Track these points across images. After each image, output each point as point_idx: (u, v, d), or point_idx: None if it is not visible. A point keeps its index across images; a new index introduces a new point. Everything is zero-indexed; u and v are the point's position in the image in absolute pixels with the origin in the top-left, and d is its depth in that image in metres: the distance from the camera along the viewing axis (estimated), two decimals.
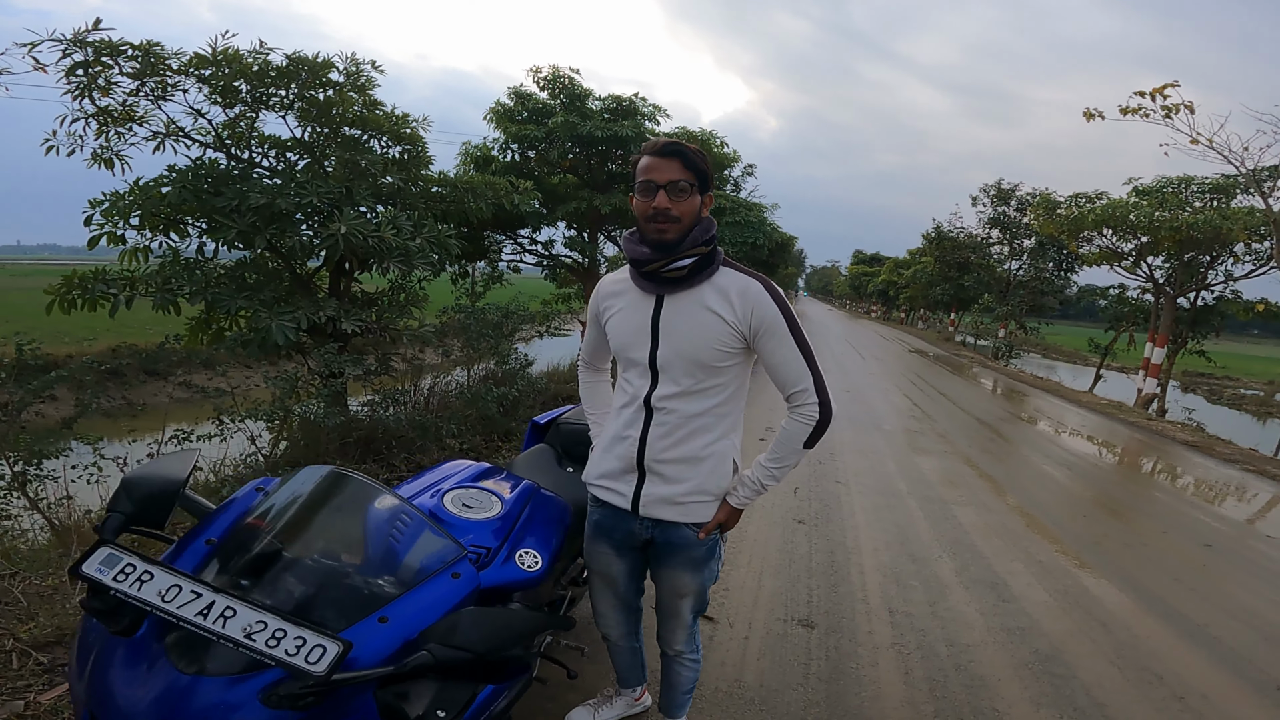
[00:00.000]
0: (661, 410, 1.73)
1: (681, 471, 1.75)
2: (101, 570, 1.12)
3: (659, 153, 1.61)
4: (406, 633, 1.27)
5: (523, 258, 11.24)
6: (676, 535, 1.81)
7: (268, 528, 1.38)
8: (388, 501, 1.53)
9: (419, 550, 1.46)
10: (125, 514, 1.29)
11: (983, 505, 5.32)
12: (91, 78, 4.45)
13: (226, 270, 5.25)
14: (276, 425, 4.90)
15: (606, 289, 1.84)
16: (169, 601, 1.10)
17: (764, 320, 1.65)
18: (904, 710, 2.53)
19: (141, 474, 1.36)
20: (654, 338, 1.70)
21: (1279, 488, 6.92)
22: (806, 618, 3.20)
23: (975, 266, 23.82)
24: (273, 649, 1.07)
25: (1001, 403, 12.20)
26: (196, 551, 1.33)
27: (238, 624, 1.10)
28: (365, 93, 5.33)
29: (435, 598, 1.36)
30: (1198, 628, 3.42)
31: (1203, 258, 13.45)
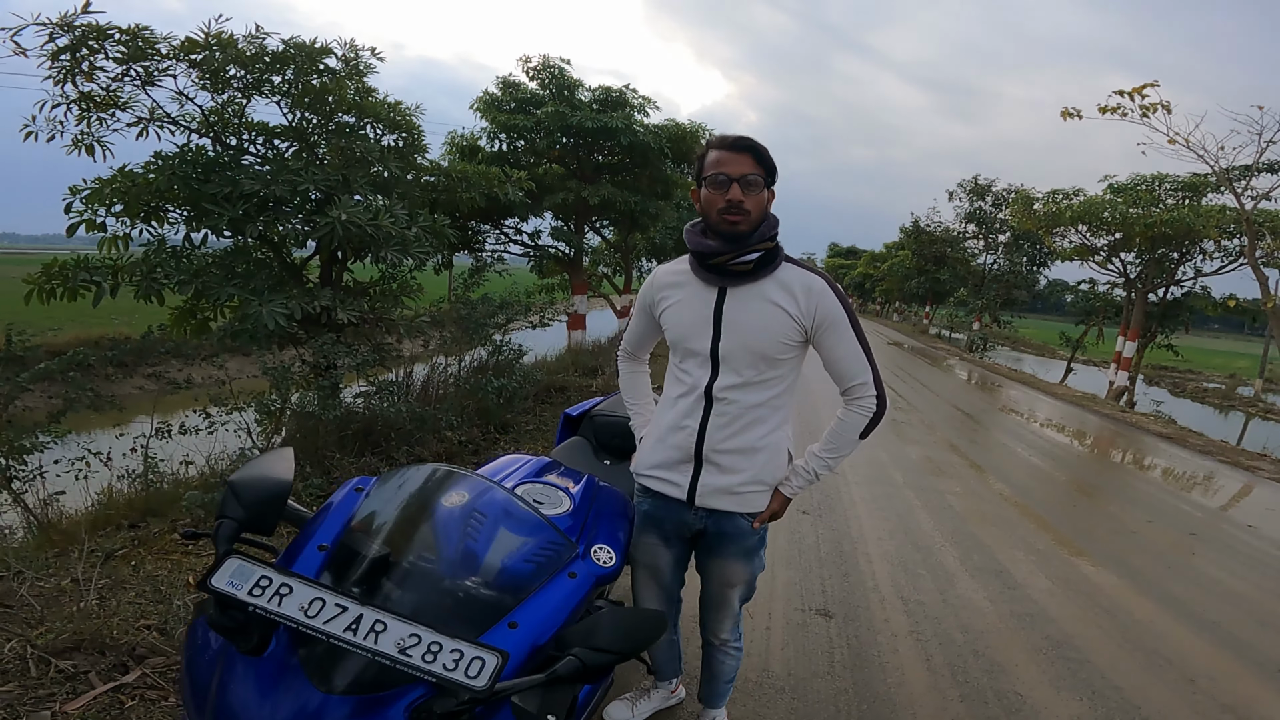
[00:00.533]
0: (722, 400, 1.74)
1: (739, 462, 1.76)
2: (234, 584, 1.05)
3: (731, 147, 1.63)
4: (536, 636, 1.23)
5: (507, 248, 11.13)
6: (730, 525, 1.81)
7: (378, 531, 1.31)
8: (499, 498, 1.47)
9: (537, 550, 1.40)
10: (238, 520, 1.20)
11: (976, 494, 5.42)
12: (75, 62, 4.29)
13: (215, 258, 5.11)
14: (272, 418, 4.80)
15: (663, 279, 1.83)
16: (314, 617, 1.03)
17: (828, 315, 1.69)
18: (931, 695, 2.57)
19: (249, 476, 1.27)
20: (716, 329, 1.71)
21: (1254, 479, 7.15)
22: (823, 607, 3.22)
23: (951, 260, 24.20)
24: (430, 664, 1.01)
25: (981, 394, 12.43)
26: (310, 559, 1.25)
27: (390, 639, 1.03)
28: (361, 79, 5.21)
29: (559, 599, 1.32)
30: (1196, 613, 3.52)
31: (1173, 254, 13.82)
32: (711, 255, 1.67)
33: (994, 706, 2.53)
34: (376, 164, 5.35)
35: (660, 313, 1.83)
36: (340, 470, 4.39)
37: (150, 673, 2.23)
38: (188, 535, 1.32)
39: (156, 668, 2.25)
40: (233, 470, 4.28)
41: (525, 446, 5.70)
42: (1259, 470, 7.54)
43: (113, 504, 4.06)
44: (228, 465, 4.55)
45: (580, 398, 7.78)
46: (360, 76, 5.16)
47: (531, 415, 6.66)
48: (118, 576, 2.88)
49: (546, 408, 7.13)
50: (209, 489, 3.85)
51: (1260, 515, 5.69)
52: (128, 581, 2.84)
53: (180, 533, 1.40)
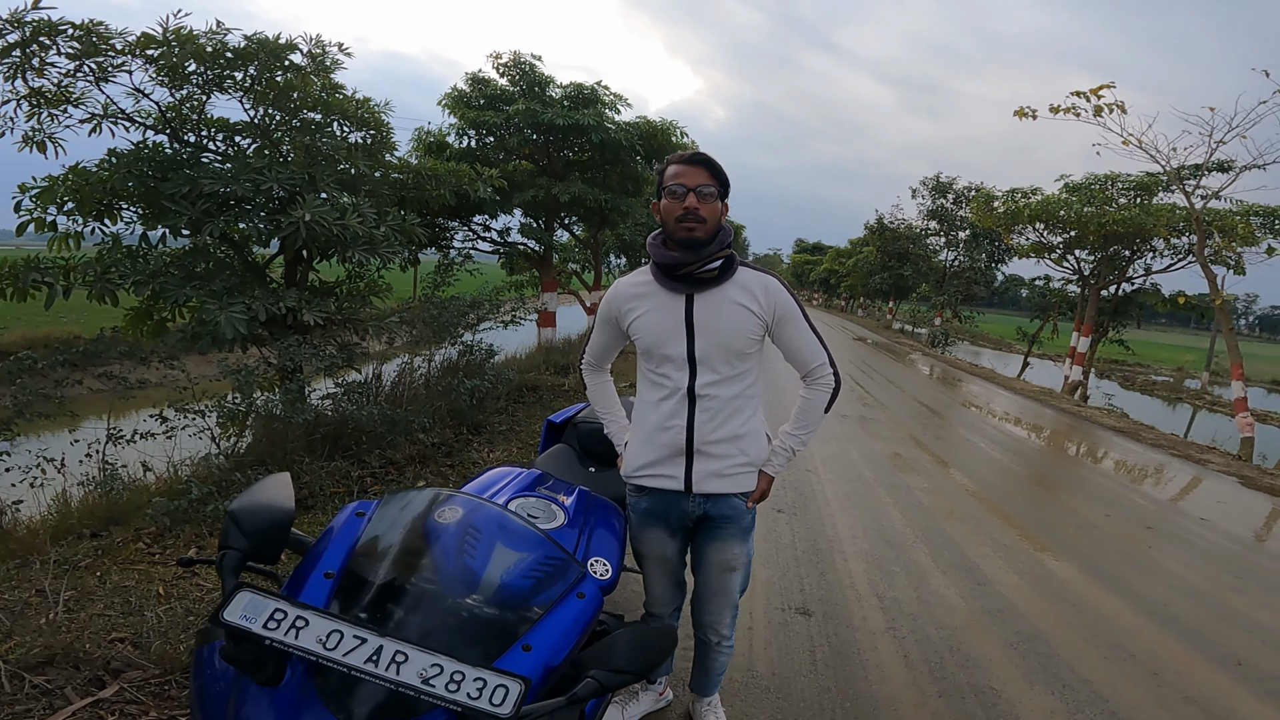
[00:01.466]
0: (705, 397, 1.88)
1: (727, 449, 1.91)
2: (248, 618, 1.03)
3: (688, 161, 1.79)
4: (550, 659, 1.22)
5: (475, 244, 11.01)
6: (726, 506, 1.96)
7: (383, 557, 1.29)
8: (502, 519, 1.46)
9: (544, 571, 1.40)
10: (242, 550, 1.17)
11: (943, 491, 5.53)
12: (25, 58, 4.11)
13: (173, 258, 4.95)
14: (236, 421, 4.67)
15: (626, 292, 1.94)
16: (333, 649, 1.02)
17: (785, 310, 1.88)
18: (911, 691, 2.62)
19: (249, 505, 1.24)
20: (689, 333, 1.84)
21: (1205, 472, 7.44)
22: (803, 606, 3.27)
23: (914, 257, 24.66)
24: (454, 694, 1.01)
25: (944, 389, 12.70)
26: (317, 587, 1.22)
27: (412, 669, 1.02)
28: (327, 76, 5.09)
29: (570, 620, 1.32)
30: (1155, 607, 3.64)
31: (1125, 252, 14.29)
32: (679, 266, 1.81)
33: (971, 702, 2.59)
34: (343, 162, 5.23)
35: (629, 324, 1.93)
36: (310, 476, 4.29)
37: (128, 687, 2.18)
38: (184, 563, 1.29)
39: (134, 682, 2.20)
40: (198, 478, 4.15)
41: (500, 447, 5.65)
42: (1209, 463, 7.85)
43: (72, 512, 3.91)
44: (191, 470, 4.42)
45: (553, 396, 7.74)
46: (327, 72, 5.04)
47: (504, 415, 6.60)
48: (84, 588, 2.80)
49: (520, 407, 7.08)
50: (174, 495, 3.73)
51: (1211, 508, 5.93)
52: (95, 593, 2.76)
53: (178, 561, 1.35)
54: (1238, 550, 4.76)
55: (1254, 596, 3.91)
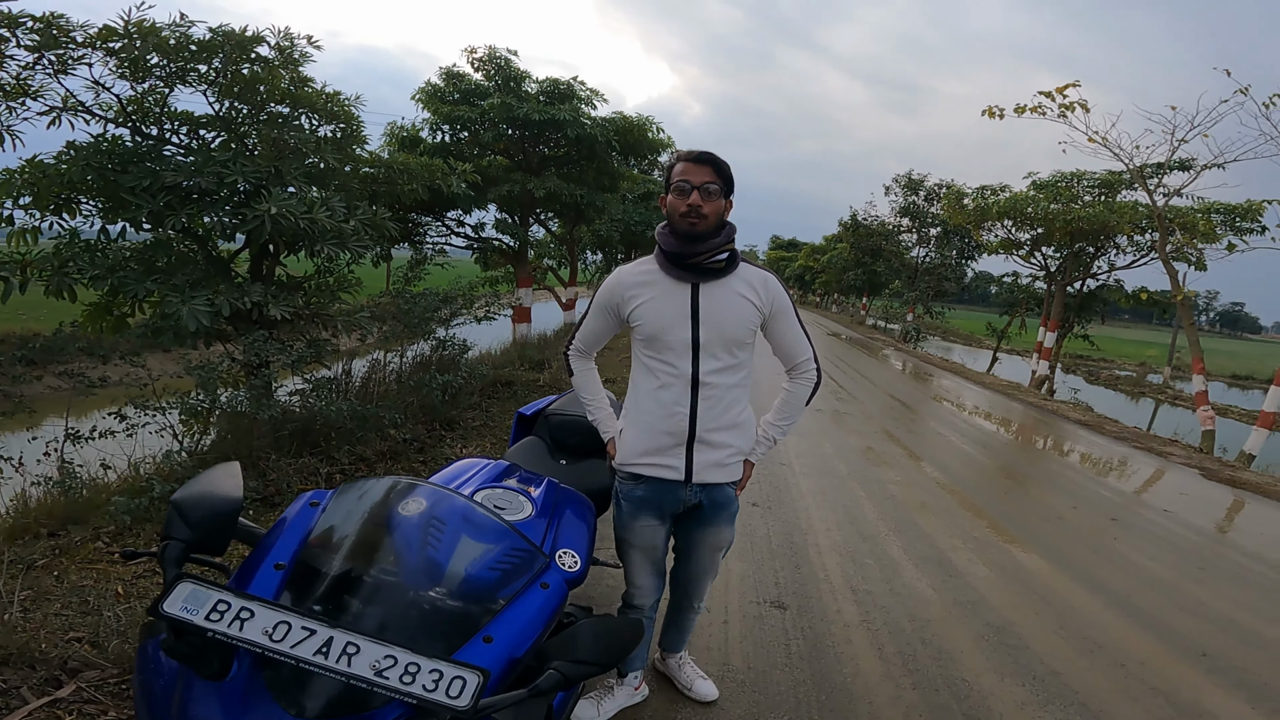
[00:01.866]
0: (708, 385, 1.95)
1: (726, 438, 2.00)
2: (189, 609, 0.98)
3: (694, 160, 1.87)
4: (512, 650, 1.20)
5: (449, 240, 10.88)
6: (720, 494, 2.06)
7: (338, 547, 1.25)
8: (464, 509, 1.43)
9: (507, 561, 1.37)
10: (185, 541, 1.13)
11: (915, 484, 5.60)
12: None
13: (133, 252, 4.82)
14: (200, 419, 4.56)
15: (630, 279, 1.99)
16: (280, 641, 0.98)
17: (782, 304, 2.00)
18: (886, 684, 2.64)
19: (193, 495, 1.20)
20: (694, 321, 1.91)
21: (1167, 464, 7.63)
22: (777, 599, 3.28)
23: (887, 253, 24.94)
24: (409, 686, 0.97)
25: (916, 384, 12.88)
26: (267, 579, 1.19)
27: (364, 661, 0.99)
28: (295, 68, 4.97)
29: (533, 611, 1.29)
30: (1121, 598, 3.71)
31: (1089, 248, 14.59)
32: (690, 255, 1.88)
33: (944, 694, 2.62)
34: (312, 155, 5.12)
35: (630, 311, 1.98)
36: (278, 473, 4.21)
37: (86, 686, 2.13)
38: (127, 555, 1.23)
39: (91, 681, 2.16)
40: (161, 475, 4.05)
41: (473, 443, 5.59)
42: (1171, 455, 8.05)
43: (29, 511, 3.80)
44: (153, 469, 4.31)
45: (527, 392, 7.68)
46: (295, 65, 4.93)
47: (478, 411, 6.54)
48: (40, 587, 2.73)
49: (494, 403, 7.02)
50: (134, 494, 3.63)
51: (1174, 499, 6.08)
52: (52, 592, 2.70)
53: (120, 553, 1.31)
54: (1200, 542, 4.88)
55: (1216, 588, 4.00)
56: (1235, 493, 6.56)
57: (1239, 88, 8.52)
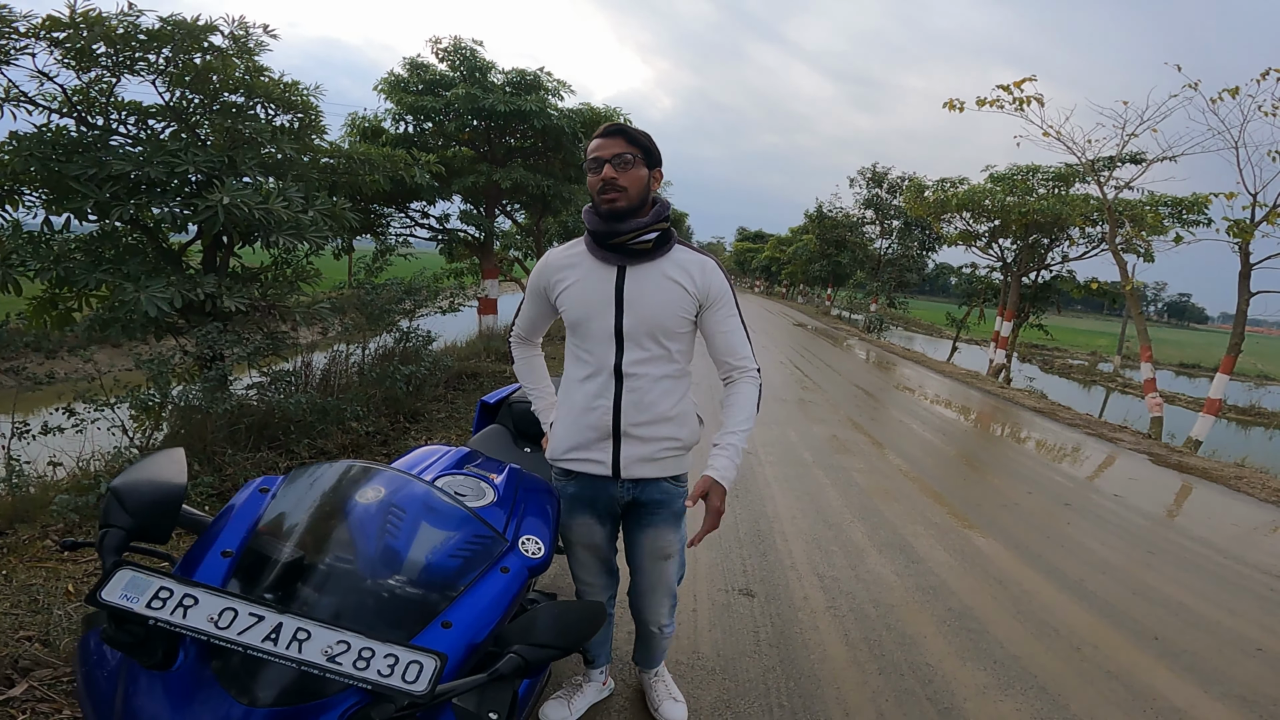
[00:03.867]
0: (632, 376, 1.81)
1: (655, 430, 1.85)
2: (129, 597, 0.94)
3: (603, 134, 1.75)
4: (472, 636, 1.18)
5: (413, 231, 10.70)
6: (656, 490, 1.90)
7: (289, 534, 1.22)
8: (420, 492, 1.40)
9: (465, 545, 1.34)
10: (125, 528, 1.08)
11: (878, 471, 5.70)
12: None
13: (79, 243, 4.64)
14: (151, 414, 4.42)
15: (557, 261, 1.88)
16: (226, 628, 0.94)
17: (719, 292, 1.83)
18: (852, 670, 2.68)
19: (133, 480, 1.14)
20: (619, 306, 1.78)
21: (1117, 450, 7.89)
22: (745, 587, 3.31)
23: (851, 245, 25.29)
24: (363, 671, 0.95)
25: (879, 373, 13.09)
26: (214, 567, 1.14)
27: (315, 647, 0.96)
28: (250, 57, 4.82)
29: (493, 595, 1.27)
30: (1075, 582, 3.82)
31: (1044, 240, 14.99)
32: (613, 235, 1.74)
33: (909, 678, 2.67)
34: (268, 145, 4.98)
35: (558, 295, 1.86)
36: (234, 467, 4.11)
37: (38, 685, 2.10)
38: (66, 546, 1.17)
39: (44, 680, 2.12)
40: (109, 472, 3.92)
41: (439, 435, 5.52)
42: (1121, 441, 8.33)
43: None
44: (103, 465, 4.17)
45: (493, 383, 7.61)
46: (251, 55, 4.78)
47: (443, 403, 6.46)
48: None
49: (459, 395, 6.94)
50: (81, 491, 3.52)
51: (1124, 485, 6.29)
52: (0, 591, 2.62)
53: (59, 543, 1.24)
54: (1149, 526, 5.06)
55: (1165, 572, 4.14)
56: (1183, 477, 6.82)
57: (1188, 83, 8.81)
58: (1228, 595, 3.85)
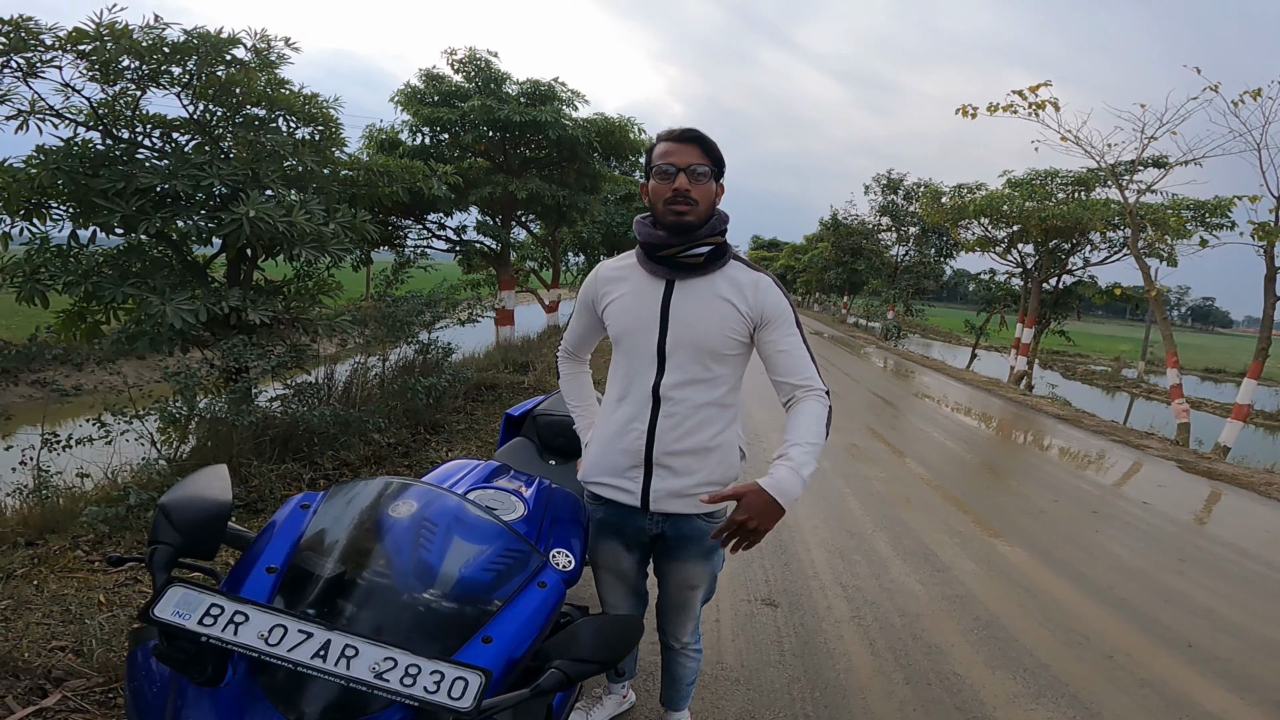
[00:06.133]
0: (670, 400, 1.69)
1: (690, 464, 1.71)
2: (181, 614, 0.96)
3: (678, 138, 1.62)
4: (512, 651, 1.18)
5: (430, 242, 10.80)
6: (688, 527, 1.78)
7: (330, 550, 1.24)
8: (456, 508, 1.41)
9: (503, 560, 1.35)
10: (174, 545, 1.10)
11: (899, 479, 5.64)
12: None
13: (107, 257, 4.73)
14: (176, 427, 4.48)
15: (607, 274, 1.79)
16: (276, 645, 0.96)
17: (776, 311, 1.68)
18: (878, 679, 2.65)
19: (181, 498, 1.17)
20: (664, 322, 1.67)
21: (1145, 457, 7.76)
22: (768, 596, 3.28)
23: (866, 252, 25.17)
24: (410, 688, 0.96)
25: (897, 381, 12.99)
26: (259, 582, 1.16)
27: (363, 664, 0.97)
28: (271, 70, 4.91)
29: (531, 610, 1.27)
30: (1104, 590, 3.76)
31: (1065, 245, 14.83)
32: (662, 246, 1.64)
33: (936, 688, 2.63)
34: (290, 158, 5.06)
35: (604, 308, 1.78)
36: (260, 479, 4.15)
37: (71, 695, 2.11)
38: (113, 561, 1.19)
39: (77, 690, 2.14)
40: (138, 484, 3.97)
41: (459, 446, 5.54)
42: (1148, 448, 8.19)
43: (5, 521, 3.72)
44: (130, 477, 4.23)
45: (511, 394, 7.64)
46: (272, 68, 4.86)
47: (463, 414, 6.49)
48: (20, 597, 2.69)
49: (478, 406, 6.97)
50: (110, 502, 3.57)
51: (1152, 492, 6.17)
52: (32, 602, 2.66)
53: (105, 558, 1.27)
54: (1179, 533, 4.97)
55: (1196, 579, 4.06)
56: (1212, 484, 6.69)
57: (1209, 85, 8.70)
58: (1261, 601, 3.77)
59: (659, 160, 1.63)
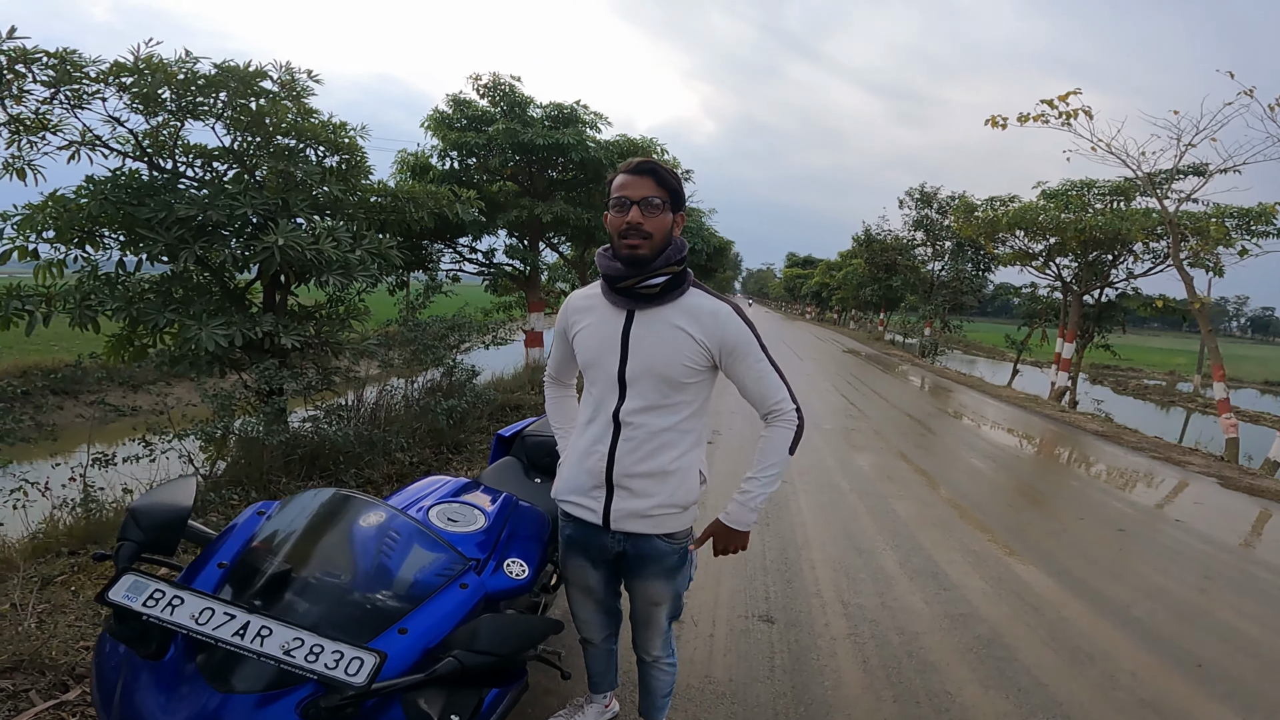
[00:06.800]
0: (630, 425, 1.76)
1: (649, 486, 1.78)
2: (129, 597, 1.15)
3: (633, 171, 1.68)
4: (426, 642, 1.33)
5: (462, 266, 11.10)
6: (648, 546, 1.84)
7: (277, 549, 1.40)
8: (392, 519, 1.57)
9: (427, 563, 1.51)
10: (137, 542, 1.29)
11: (917, 498, 5.59)
12: (4, 85, 4.22)
13: (151, 284, 5.04)
14: (213, 445, 4.74)
15: (575, 304, 1.88)
16: (204, 624, 1.13)
17: (735, 341, 1.73)
18: (865, 696, 2.66)
19: (148, 502, 1.37)
20: (624, 352, 1.74)
21: (1184, 474, 7.50)
22: (766, 614, 3.31)
23: (901, 268, 24.84)
24: (313, 664, 1.11)
25: (929, 399, 12.78)
26: (210, 575, 1.35)
27: (275, 642, 1.13)
28: (300, 101, 5.20)
29: (448, 607, 1.42)
30: (1119, 609, 3.68)
31: (1105, 257, 14.44)
32: (620, 278, 1.71)
33: (925, 706, 2.63)
34: (318, 186, 5.33)
35: (573, 336, 1.86)
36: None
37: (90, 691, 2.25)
38: (98, 558, 1.41)
39: None
40: None
41: (479, 465, 5.69)
42: (1189, 465, 7.92)
43: (52, 532, 4.00)
44: None
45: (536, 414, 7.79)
46: (299, 98, 5.14)
47: (485, 435, 6.65)
48: (57, 601, 2.91)
49: (502, 425, 7.13)
50: None
51: (1188, 510, 5.99)
52: (67, 606, 2.87)
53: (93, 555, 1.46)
54: (1209, 551, 4.81)
55: (1219, 597, 3.95)
56: (1256, 502, 6.44)
57: (1243, 90, 8.48)
58: None
59: (615, 193, 1.69)
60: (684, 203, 1.77)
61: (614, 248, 1.74)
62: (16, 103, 4.35)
